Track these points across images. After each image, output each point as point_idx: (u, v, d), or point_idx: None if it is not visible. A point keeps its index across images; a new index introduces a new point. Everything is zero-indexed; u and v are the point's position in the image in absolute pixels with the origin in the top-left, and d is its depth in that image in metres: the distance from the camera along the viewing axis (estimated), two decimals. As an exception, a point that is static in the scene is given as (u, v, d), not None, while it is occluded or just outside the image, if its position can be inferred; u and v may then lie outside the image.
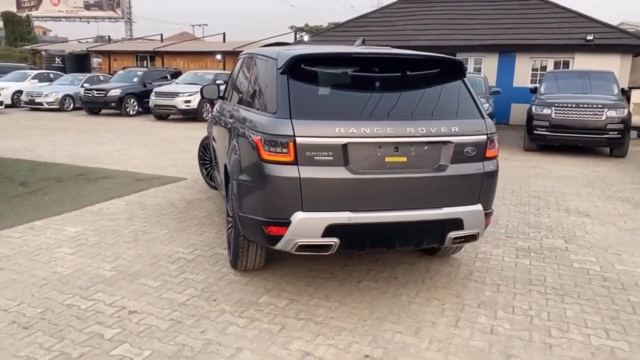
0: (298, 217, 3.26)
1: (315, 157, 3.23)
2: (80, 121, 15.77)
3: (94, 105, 17.57)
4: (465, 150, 3.48)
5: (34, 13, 48.39)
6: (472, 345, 3.11)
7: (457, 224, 3.51)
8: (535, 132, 10.96)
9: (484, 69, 16.38)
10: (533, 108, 11.09)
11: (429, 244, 3.64)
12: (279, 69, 3.46)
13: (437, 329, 3.30)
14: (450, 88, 3.70)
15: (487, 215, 3.71)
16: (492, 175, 3.66)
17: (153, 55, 31.73)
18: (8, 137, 11.70)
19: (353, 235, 3.37)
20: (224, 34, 30.19)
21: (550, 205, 6.53)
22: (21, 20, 38.56)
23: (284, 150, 3.22)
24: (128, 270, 4.10)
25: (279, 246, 3.38)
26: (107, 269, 4.12)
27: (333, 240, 3.31)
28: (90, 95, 17.32)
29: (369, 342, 3.11)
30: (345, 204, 3.30)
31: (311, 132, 3.22)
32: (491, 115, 11.40)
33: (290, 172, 3.23)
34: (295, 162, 3.23)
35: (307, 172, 3.23)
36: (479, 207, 3.59)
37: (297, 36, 27.40)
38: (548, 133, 10.82)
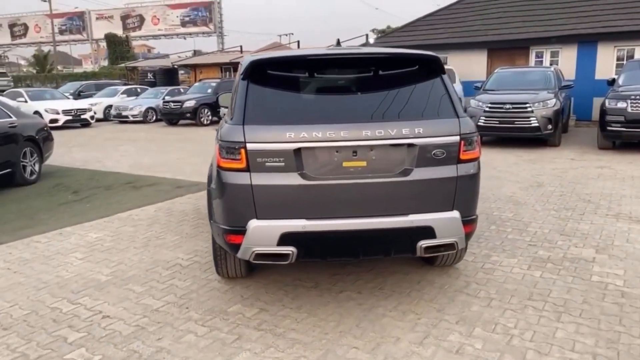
0: (252, 225, 3.20)
1: (267, 164, 3.15)
2: (157, 132, 16.79)
3: (171, 117, 18.64)
4: (433, 152, 3.22)
5: (137, 33, 52.65)
6: (427, 366, 2.85)
7: (427, 232, 3.25)
8: (608, 128, 9.95)
9: (561, 62, 15.19)
10: (606, 102, 10.08)
11: (398, 253, 3.41)
12: (241, 75, 3.42)
13: (398, 345, 3.07)
14: (422, 87, 3.44)
15: (468, 222, 3.40)
16: (470, 179, 3.35)
17: (235, 66, 33.09)
18: (86, 148, 12.73)
19: (309, 243, 3.24)
20: (298, 41, 30.73)
21: (599, 210, 5.87)
22: (121, 41, 41.92)
23: (237, 157, 3.17)
24: (123, 275, 4.27)
25: (239, 254, 3.34)
26: (105, 273, 4.31)
27: (289, 249, 3.21)
28: (168, 107, 18.40)
29: (318, 357, 2.96)
30: (299, 211, 3.18)
31: (261, 138, 3.15)
32: (558, 113, 10.57)
33: (243, 179, 3.18)
34: (247, 169, 3.17)
35: (259, 179, 3.16)
36: (454, 214, 3.30)
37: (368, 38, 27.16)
38: (623, 129, 9.77)
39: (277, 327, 3.33)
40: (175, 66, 32.47)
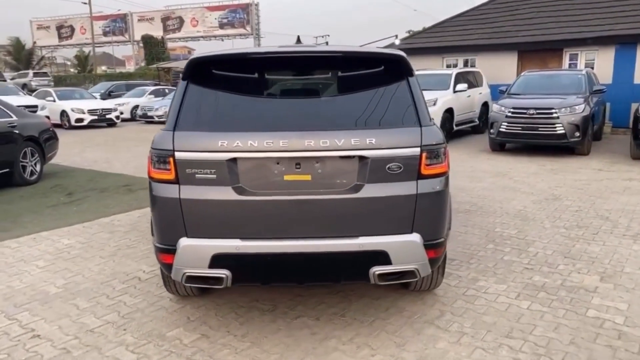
0: (182, 244, 2.85)
1: (197, 175, 2.79)
2: (178, 132, 16.71)
3: (194, 117, 18.54)
4: (387, 166, 2.79)
5: (176, 35, 53.59)
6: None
7: (380, 257, 2.83)
8: (641, 136, 9.17)
9: (597, 65, 14.26)
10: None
11: (350, 280, 3.01)
12: (182, 75, 3.08)
13: (338, 388, 2.66)
14: (384, 90, 3.01)
15: (433, 247, 2.95)
16: (435, 198, 2.90)
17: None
18: (100, 149, 12.73)
19: (245, 267, 2.87)
20: (326, 42, 30.35)
21: (616, 229, 5.26)
22: (157, 42, 42.55)
23: (166, 167, 2.84)
24: (75, 288, 4.00)
25: (172, 275, 3.00)
26: (57, 285, 4.05)
27: (223, 273, 2.84)
28: (191, 107, 18.32)
29: (242, 399, 2.59)
30: (233, 230, 2.82)
31: (191, 146, 2.80)
32: (588, 119, 9.81)
33: (172, 191, 2.83)
34: (176, 181, 2.83)
35: (189, 193, 2.81)
36: (413, 237, 2.86)
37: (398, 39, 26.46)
38: (658, 138, 8.98)
39: (212, 358, 2.97)
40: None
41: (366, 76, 3.07)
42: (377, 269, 2.86)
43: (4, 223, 5.86)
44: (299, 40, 3.69)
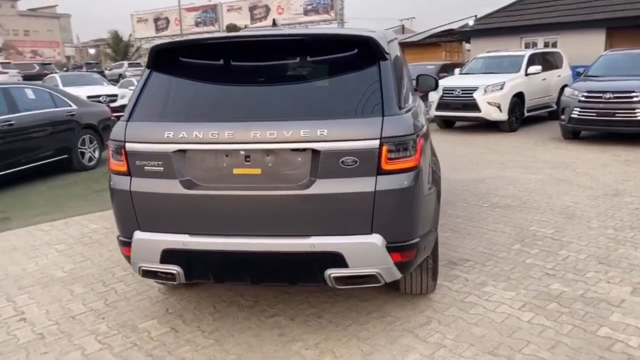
0: (135, 237, 2.80)
1: (146, 167, 2.71)
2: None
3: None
4: (341, 160, 2.53)
5: (263, 23, 54.83)
6: None
7: (334, 259, 2.59)
8: None
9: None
10: None
11: (306, 282, 2.79)
12: (146, 63, 3.00)
13: (279, 398, 2.48)
14: (350, 77, 2.76)
15: (399, 249, 2.66)
16: (400, 195, 2.59)
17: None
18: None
19: (195, 263, 2.75)
20: (402, 26, 29.47)
21: (676, 232, 4.55)
22: (239, 30, 43.75)
23: (120, 158, 2.78)
24: (79, 273, 4.13)
25: (133, 268, 2.96)
26: (65, 270, 4.21)
27: (174, 269, 2.75)
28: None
29: (178, 401, 2.49)
30: (182, 225, 2.71)
31: (140, 137, 2.72)
32: None
33: (124, 184, 2.78)
34: (128, 173, 2.77)
35: (139, 185, 2.74)
36: (372, 238, 2.59)
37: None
38: None
39: (170, 355, 2.91)
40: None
41: (332, 61, 2.82)
42: (333, 272, 2.62)
43: (48, 206, 6.24)
44: (274, 24, 3.46)
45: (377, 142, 2.51)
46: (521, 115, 11.57)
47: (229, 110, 2.68)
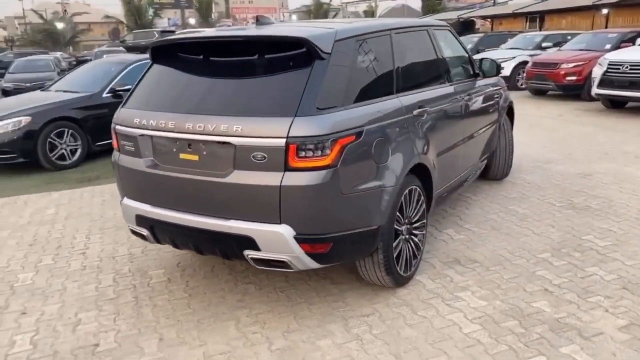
0: (122, 202, 3.46)
1: (125, 147, 3.32)
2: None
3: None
4: (252, 155, 2.77)
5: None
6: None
7: (248, 242, 2.89)
8: None
9: None
10: None
11: (236, 257, 3.11)
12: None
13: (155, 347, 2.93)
14: (281, 75, 2.95)
15: (309, 242, 2.83)
16: (305, 191, 2.74)
17: (542, 15, 29.81)
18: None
19: (156, 229, 3.29)
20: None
21: None
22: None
23: (115, 137, 3.45)
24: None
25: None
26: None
27: (144, 231, 3.36)
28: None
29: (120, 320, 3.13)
30: (148, 197, 3.27)
31: (122, 121, 3.33)
32: None
33: (115, 157, 3.47)
34: (118, 149, 3.43)
35: (122, 160, 3.38)
36: (280, 228, 2.80)
37: None
38: None
39: (150, 299, 3.55)
40: (472, 18, 31.31)
41: (270, 61, 3.01)
42: (249, 253, 2.93)
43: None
44: (257, 20, 3.66)
45: (283, 140, 2.69)
46: None
47: (180, 103, 3.10)
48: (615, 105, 10.90)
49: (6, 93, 15.26)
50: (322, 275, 3.75)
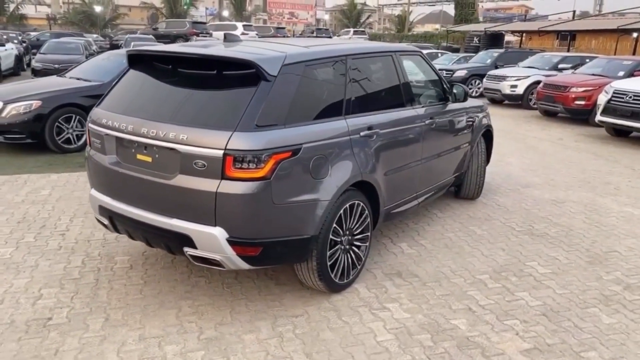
0: (90, 193, 3.83)
1: (95, 143, 3.68)
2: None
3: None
4: (194, 162, 3.09)
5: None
6: None
7: (187, 240, 3.21)
8: None
9: None
10: None
11: (179, 253, 3.43)
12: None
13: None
14: (230, 92, 3.27)
15: (240, 245, 3.14)
16: (238, 199, 3.04)
17: (574, 34, 29.52)
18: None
19: (114, 220, 3.63)
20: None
21: (698, 310, 3.77)
22: (467, 3, 42.18)
23: (88, 133, 3.81)
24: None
25: (100, 216, 4.02)
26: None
27: (105, 220, 3.72)
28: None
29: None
30: (109, 190, 3.62)
31: (93, 120, 3.69)
32: None
33: (87, 151, 3.83)
34: (90, 145, 3.79)
35: (91, 155, 3.75)
36: (214, 230, 3.11)
37: None
38: None
39: (109, 283, 3.90)
40: (502, 32, 31.14)
41: (223, 77, 3.32)
42: (188, 250, 3.26)
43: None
44: (224, 37, 3.98)
45: (222, 152, 3.00)
46: None
47: (142, 109, 3.43)
48: (620, 133, 10.91)
49: (36, 72, 15.90)
50: (269, 276, 4.05)
